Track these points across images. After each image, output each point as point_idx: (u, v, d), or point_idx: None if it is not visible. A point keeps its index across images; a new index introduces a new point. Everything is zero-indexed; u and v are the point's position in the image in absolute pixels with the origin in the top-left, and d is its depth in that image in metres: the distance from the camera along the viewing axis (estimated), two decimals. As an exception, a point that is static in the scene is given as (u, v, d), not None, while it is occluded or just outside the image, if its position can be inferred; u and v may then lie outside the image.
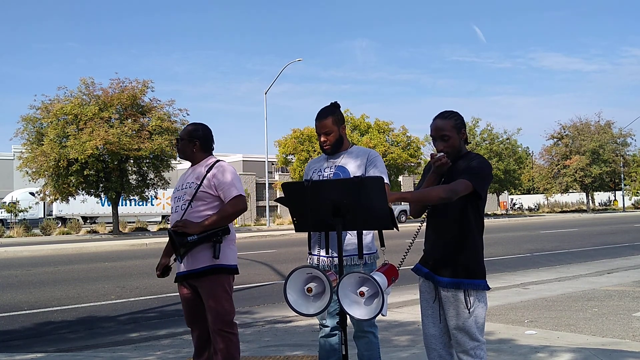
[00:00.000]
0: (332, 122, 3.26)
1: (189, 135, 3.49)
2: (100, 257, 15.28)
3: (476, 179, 2.65)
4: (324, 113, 3.29)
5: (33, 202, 32.32)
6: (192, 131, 3.50)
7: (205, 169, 3.39)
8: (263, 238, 21.88)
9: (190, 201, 3.31)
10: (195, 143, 3.48)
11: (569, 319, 6.11)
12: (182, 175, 3.57)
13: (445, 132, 2.76)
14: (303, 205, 2.50)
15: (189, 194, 3.33)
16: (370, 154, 3.32)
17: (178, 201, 3.39)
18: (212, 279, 3.28)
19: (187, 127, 3.56)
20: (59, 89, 34.64)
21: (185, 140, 3.49)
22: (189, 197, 3.32)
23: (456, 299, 2.69)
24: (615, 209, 49.65)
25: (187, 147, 3.49)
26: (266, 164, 32.56)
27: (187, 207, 3.30)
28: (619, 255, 12.72)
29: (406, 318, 6.43)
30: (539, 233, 21.03)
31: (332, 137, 3.28)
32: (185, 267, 3.30)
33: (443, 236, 2.77)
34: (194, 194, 3.31)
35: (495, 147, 40.75)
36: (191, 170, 3.48)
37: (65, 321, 6.96)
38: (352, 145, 3.41)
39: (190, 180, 3.40)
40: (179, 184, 3.50)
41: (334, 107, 3.33)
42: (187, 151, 3.49)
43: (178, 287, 3.46)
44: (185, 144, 3.49)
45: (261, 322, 6.58)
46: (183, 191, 3.39)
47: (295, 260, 12.17)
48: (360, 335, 3.26)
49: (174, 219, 3.34)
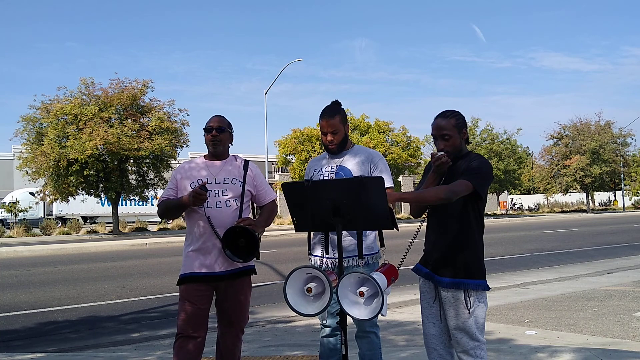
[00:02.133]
0: (339, 120, 3.23)
1: (230, 127, 3.32)
2: (100, 257, 15.28)
3: (476, 179, 2.64)
4: (330, 111, 3.23)
5: (33, 202, 32.33)
6: (229, 124, 3.32)
7: (241, 166, 3.28)
8: (263, 238, 21.85)
9: (238, 199, 3.18)
10: (232, 136, 3.36)
11: (569, 319, 6.11)
12: (193, 165, 3.30)
13: (447, 131, 2.76)
14: (303, 205, 2.50)
15: (234, 190, 3.18)
16: (374, 157, 3.29)
17: (218, 196, 3.15)
18: (246, 280, 3.25)
19: (221, 118, 3.30)
20: (59, 89, 34.67)
21: (228, 132, 3.30)
22: (237, 194, 3.18)
23: (456, 299, 2.69)
24: (615, 209, 49.65)
25: (228, 140, 3.31)
26: (266, 164, 32.57)
27: (240, 204, 3.17)
28: (619, 255, 12.72)
29: (406, 318, 6.43)
30: (539, 233, 21.02)
31: (339, 137, 3.25)
32: (222, 267, 3.12)
33: (443, 236, 2.77)
34: (242, 192, 3.19)
35: (495, 147, 40.77)
36: (221, 164, 3.27)
37: (65, 321, 6.96)
38: (353, 145, 3.38)
39: (225, 176, 3.21)
40: (199, 176, 3.22)
41: (338, 105, 3.29)
42: (227, 143, 3.30)
43: (189, 289, 3.13)
44: (227, 137, 3.30)
45: (261, 322, 6.58)
46: (219, 186, 3.17)
47: (295, 260, 12.17)
48: (362, 335, 3.26)
49: (218, 215, 3.11)
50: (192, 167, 3.29)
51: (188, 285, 3.13)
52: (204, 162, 3.30)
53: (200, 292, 3.12)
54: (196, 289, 3.12)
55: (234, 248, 3.02)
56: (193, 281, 3.11)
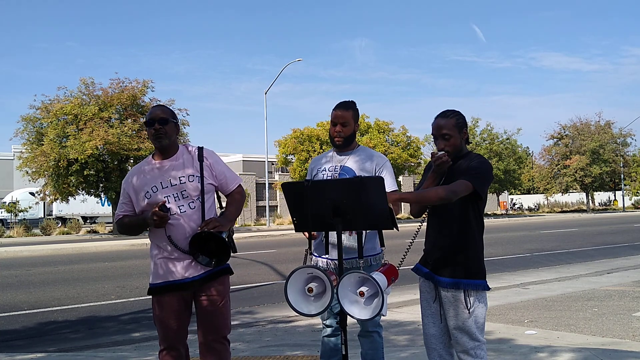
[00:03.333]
0: (351, 115, 3.25)
1: (174, 117, 2.95)
2: (100, 257, 15.28)
3: (476, 179, 2.65)
4: (345, 104, 3.27)
5: (33, 202, 32.33)
6: (173, 113, 2.95)
7: (195, 157, 2.91)
8: (263, 238, 21.87)
9: (199, 197, 2.84)
10: (177, 126, 2.97)
11: (569, 319, 6.11)
12: (141, 172, 2.92)
13: (447, 130, 2.76)
14: (303, 205, 2.50)
15: (193, 189, 2.83)
16: (379, 160, 3.27)
17: (178, 200, 2.81)
18: (223, 281, 2.89)
19: (163, 109, 2.93)
20: (58, 89, 34.73)
21: (172, 122, 2.90)
22: (196, 192, 2.84)
23: (456, 299, 2.69)
24: (615, 209, 49.64)
25: (173, 131, 2.90)
26: (266, 164, 32.56)
27: (202, 204, 2.84)
28: (619, 255, 12.72)
29: (406, 318, 6.43)
30: (539, 233, 21.02)
31: (348, 130, 3.24)
32: (195, 271, 2.81)
33: (443, 236, 2.77)
34: (202, 189, 2.85)
35: (495, 147, 40.76)
36: (170, 164, 2.88)
37: (65, 321, 6.96)
38: (359, 146, 3.37)
39: (180, 174, 2.85)
40: (151, 183, 2.86)
41: (354, 103, 3.32)
42: (172, 135, 2.89)
43: (162, 300, 2.84)
44: (172, 128, 2.89)
45: (262, 322, 6.58)
46: (174, 188, 2.83)
47: (295, 260, 12.16)
48: (365, 334, 3.28)
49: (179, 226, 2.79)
50: (141, 173, 2.92)
51: (161, 296, 2.85)
52: (151, 166, 2.91)
53: (170, 302, 2.84)
54: (170, 299, 2.83)
55: (204, 252, 2.76)
56: (166, 291, 2.83)
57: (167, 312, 2.85)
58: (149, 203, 2.84)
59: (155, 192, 2.84)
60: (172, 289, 2.83)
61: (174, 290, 2.83)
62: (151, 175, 2.88)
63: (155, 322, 2.93)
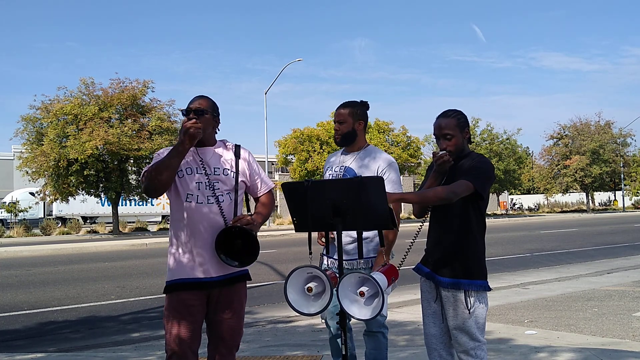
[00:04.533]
0: (348, 113, 3.27)
1: (214, 109, 2.78)
2: (100, 257, 15.28)
3: (478, 179, 2.65)
4: (345, 103, 3.32)
5: (33, 202, 32.32)
6: (214, 106, 2.78)
7: (232, 153, 2.80)
8: (263, 238, 21.88)
9: (230, 192, 2.72)
10: (218, 120, 2.82)
11: (569, 319, 6.11)
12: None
13: (449, 130, 2.76)
14: (303, 205, 2.50)
15: (226, 182, 2.71)
16: (382, 162, 3.23)
17: (209, 190, 2.66)
18: (243, 286, 2.81)
19: (202, 99, 2.76)
20: (58, 89, 34.70)
21: (210, 115, 2.74)
22: (228, 186, 2.72)
23: (456, 299, 2.69)
24: (615, 209, 49.64)
25: (210, 124, 2.75)
26: (266, 164, 32.58)
27: (234, 200, 2.71)
28: (619, 255, 12.72)
29: (406, 318, 6.43)
30: (539, 233, 21.03)
31: (344, 128, 3.26)
32: (217, 271, 2.67)
33: (444, 236, 2.77)
34: (235, 185, 2.73)
35: (495, 147, 40.76)
36: (207, 151, 2.75)
37: (65, 321, 6.96)
38: (367, 146, 3.35)
39: (215, 165, 2.72)
40: (187, 165, 2.70)
41: (358, 102, 3.33)
42: (208, 128, 2.74)
43: (180, 298, 2.66)
44: (209, 121, 2.73)
45: (262, 322, 6.59)
46: (207, 177, 2.68)
47: (295, 260, 12.17)
48: (369, 334, 3.31)
49: (208, 212, 2.65)
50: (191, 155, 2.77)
51: (179, 294, 2.66)
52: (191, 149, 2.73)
53: (193, 301, 2.65)
54: (189, 297, 2.65)
55: (229, 250, 2.63)
56: (185, 289, 2.65)
57: (183, 313, 2.64)
58: (181, 182, 2.68)
59: (189, 174, 2.68)
60: (191, 287, 2.64)
61: (193, 288, 2.64)
62: (189, 158, 2.72)
63: (166, 325, 2.68)
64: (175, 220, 2.74)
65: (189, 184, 2.68)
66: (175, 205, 2.73)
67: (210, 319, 2.73)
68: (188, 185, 2.67)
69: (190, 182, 2.67)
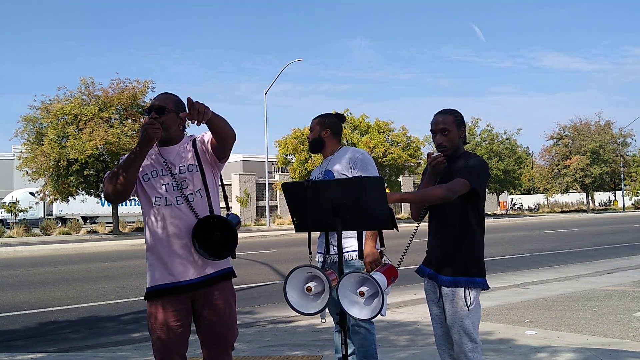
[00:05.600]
0: (317, 122, 3.53)
1: (178, 106, 2.64)
2: (100, 257, 15.29)
3: (473, 177, 2.68)
4: (317, 115, 3.56)
5: (33, 202, 32.30)
6: (177, 102, 2.65)
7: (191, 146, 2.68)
8: (263, 238, 21.88)
9: (200, 190, 2.63)
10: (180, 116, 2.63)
11: (569, 319, 6.12)
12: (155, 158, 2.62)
13: (446, 125, 2.80)
14: (303, 205, 2.50)
15: (193, 179, 2.62)
16: (352, 157, 3.38)
17: (177, 191, 2.58)
18: (228, 284, 2.66)
19: (166, 96, 2.65)
20: (59, 89, 34.76)
21: (174, 112, 2.61)
22: (196, 184, 2.63)
23: (455, 297, 2.71)
24: (615, 209, 49.65)
25: (174, 123, 2.63)
26: (266, 164, 32.58)
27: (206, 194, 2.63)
28: (619, 255, 12.72)
29: (406, 318, 6.43)
30: (539, 233, 21.03)
31: (312, 136, 3.53)
32: (194, 273, 2.54)
33: (444, 236, 2.79)
34: (203, 180, 2.64)
35: (495, 147, 40.75)
36: (171, 150, 2.65)
37: (65, 321, 6.97)
38: (340, 149, 3.52)
39: (180, 164, 2.62)
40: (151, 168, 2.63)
41: (331, 114, 3.59)
42: (175, 127, 2.64)
43: (158, 305, 2.54)
44: (173, 119, 2.61)
45: (262, 322, 6.59)
46: (173, 178, 2.60)
47: (295, 260, 12.17)
48: (355, 330, 3.32)
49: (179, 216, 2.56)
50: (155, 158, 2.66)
51: (160, 300, 2.54)
52: (154, 150, 2.63)
53: (176, 305, 2.54)
54: (171, 303, 2.53)
55: (206, 243, 2.51)
56: (165, 294, 2.53)
57: (166, 320, 2.53)
58: (148, 185, 2.60)
59: (155, 176, 2.59)
60: (171, 292, 2.53)
61: (173, 293, 2.53)
62: (152, 160, 2.63)
63: (151, 332, 2.59)
64: (148, 224, 2.62)
65: (156, 186, 2.59)
66: (146, 209, 2.63)
67: (198, 320, 2.64)
68: (155, 188, 2.59)
69: (157, 185, 2.58)
